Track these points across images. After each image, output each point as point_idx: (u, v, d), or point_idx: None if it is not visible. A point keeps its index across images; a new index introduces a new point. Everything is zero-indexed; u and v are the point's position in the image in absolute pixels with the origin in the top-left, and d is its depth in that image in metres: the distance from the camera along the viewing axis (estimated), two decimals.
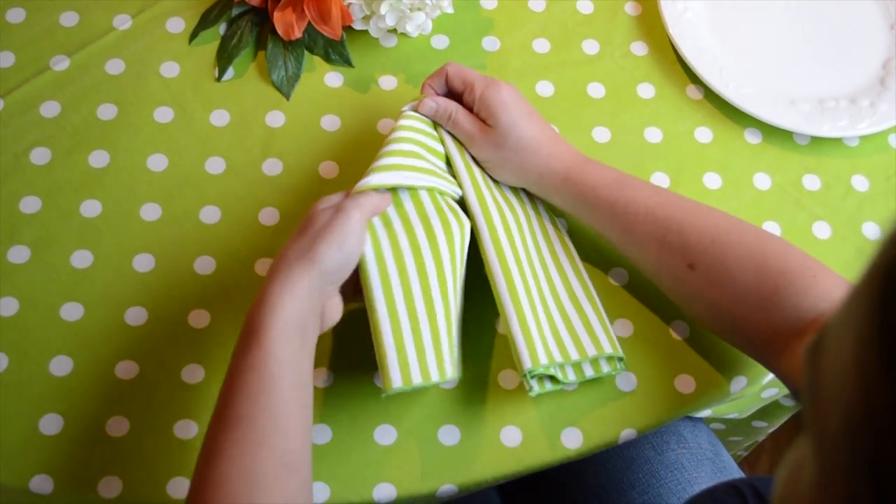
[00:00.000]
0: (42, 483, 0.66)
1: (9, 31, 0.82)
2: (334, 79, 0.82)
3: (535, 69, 0.84)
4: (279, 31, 0.80)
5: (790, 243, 0.67)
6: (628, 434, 0.69)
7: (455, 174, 0.72)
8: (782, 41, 0.86)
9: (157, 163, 0.78)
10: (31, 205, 0.75)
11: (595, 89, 0.83)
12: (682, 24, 0.85)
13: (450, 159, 0.72)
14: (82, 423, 0.68)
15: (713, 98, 0.82)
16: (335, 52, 0.83)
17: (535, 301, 0.68)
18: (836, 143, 0.81)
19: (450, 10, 0.84)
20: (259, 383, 0.57)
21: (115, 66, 0.81)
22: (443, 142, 0.73)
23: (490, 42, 0.85)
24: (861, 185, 0.80)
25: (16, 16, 0.83)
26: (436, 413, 0.69)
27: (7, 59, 0.81)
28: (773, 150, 0.81)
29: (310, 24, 0.80)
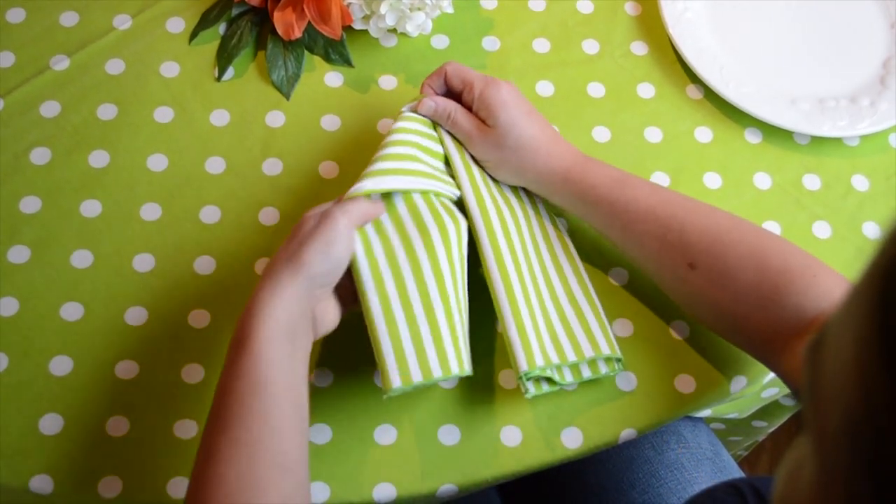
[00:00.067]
0: (42, 483, 0.66)
1: (9, 31, 0.82)
2: (334, 79, 0.82)
3: (535, 69, 0.84)
4: (279, 30, 0.80)
5: (791, 242, 0.67)
6: (628, 434, 0.69)
7: (454, 175, 0.72)
8: (782, 41, 0.86)
9: (157, 163, 0.78)
10: (31, 205, 0.75)
11: (595, 89, 0.83)
12: (682, 23, 0.85)
13: (449, 160, 0.72)
14: (82, 422, 0.68)
15: (713, 98, 0.82)
16: (335, 52, 0.83)
17: (532, 303, 0.68)
18: (837, 142, 0.81)
19: (450, 10, 0.84)
20: (250, 388, 0.58)
21: (115, 66, 0.81)
22: (442, 142, 0.73)
23: (490, 42, 0.85)
24: (861, 184, 0.80)
25: (16, 16, 0.83)
26: (436, 413, 0.69)
27: (7, 59, 0.81)
28: (773, 150, 0.81)
29: (310, 23, 0.80)
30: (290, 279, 0.60)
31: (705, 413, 0.80)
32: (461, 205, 0.71)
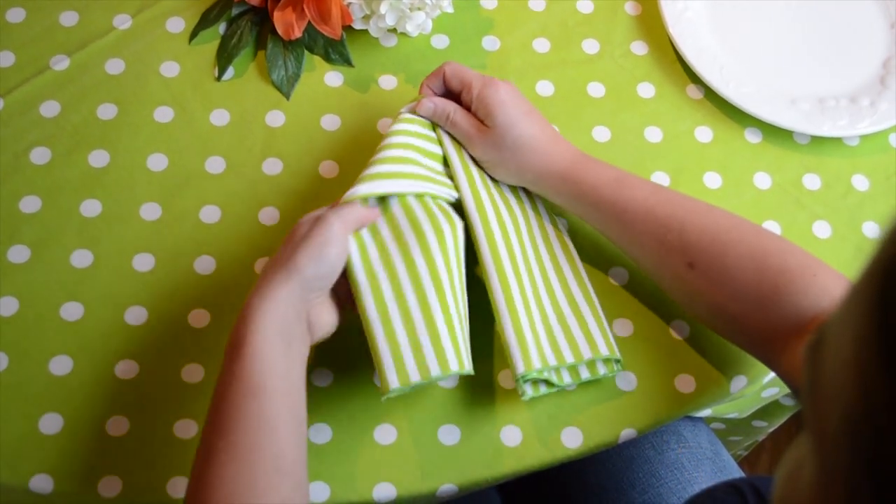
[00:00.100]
0: (42, 482, 0.66)
1: (9, 31, 0.82)
2: (334, 78, 0.82)
3: (535, 69, 0.84)
4: (279, 30, 0.80)
5: (790, 242, 0.67)
6: (628, 434, 0.69)
7: (452, 176, 0.72)
8: (782, 41, 0.86)
9: (157, 162, 0.78)
10: (31, 204, 0.75)
11: (595, 89, 0.83)
12: (682, 23, 0.85)
13: (448, 161, 0.72)
14: (82, 422, 0.68)
15: (713, 97, 0.82)
16: (335, 52, 0.83)
17: (530, 305, 0.68)
18: (837, 142, 0.81)
19: (450, 10, 0.84)
20: (246, 391, 0.58)
21: (115, 66, 0.81)
22: (441, 143, 0.73)
23: (490, 42, 0.85)
24: (861, 184, 0.80)
25: (16, 16, 0.83)
26: (436, 413, 0.69)
27: (7, 59, 0.81)
28: (773, 150, 0.81)
29: (310, 23, 0.80)
30: (283, 283, 0.60)
31: (705, 413, 0.80)
32: (458, 207, 0.71)
